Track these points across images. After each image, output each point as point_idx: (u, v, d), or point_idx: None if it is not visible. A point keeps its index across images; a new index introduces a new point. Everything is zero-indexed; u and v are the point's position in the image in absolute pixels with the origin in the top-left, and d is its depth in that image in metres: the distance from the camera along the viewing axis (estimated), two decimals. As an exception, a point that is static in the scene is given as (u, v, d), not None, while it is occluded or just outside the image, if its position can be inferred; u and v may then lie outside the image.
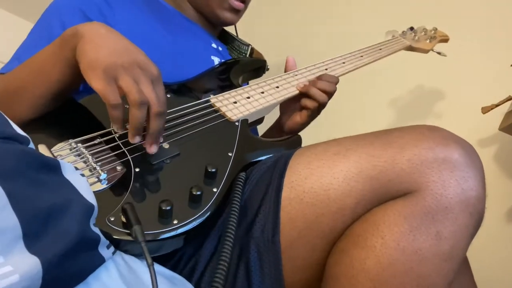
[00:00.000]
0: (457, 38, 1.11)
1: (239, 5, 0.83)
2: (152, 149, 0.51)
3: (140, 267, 0.44)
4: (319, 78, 0.74)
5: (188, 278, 0.51)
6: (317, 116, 0.77)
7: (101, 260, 0.40)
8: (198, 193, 0.48)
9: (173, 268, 0.51)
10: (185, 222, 0.47)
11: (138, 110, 0.47)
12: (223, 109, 0.65)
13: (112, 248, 0.43)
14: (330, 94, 0.73)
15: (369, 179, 0.49)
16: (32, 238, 0.33)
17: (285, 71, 0.79)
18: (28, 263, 0.32)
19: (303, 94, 0.74)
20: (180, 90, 0.68)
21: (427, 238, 0.45)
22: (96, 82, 0.46)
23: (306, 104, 0.73)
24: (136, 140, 0.50)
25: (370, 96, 1.29)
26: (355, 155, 0.51)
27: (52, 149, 0.48)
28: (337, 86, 0.75)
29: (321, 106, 0.73)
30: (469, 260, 0.60)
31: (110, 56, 0.47)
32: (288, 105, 0.75)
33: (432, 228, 0.45)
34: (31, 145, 0.40)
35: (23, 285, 0.31)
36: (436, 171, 0.47)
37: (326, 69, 0.80)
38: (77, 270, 0.37)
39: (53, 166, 0.39)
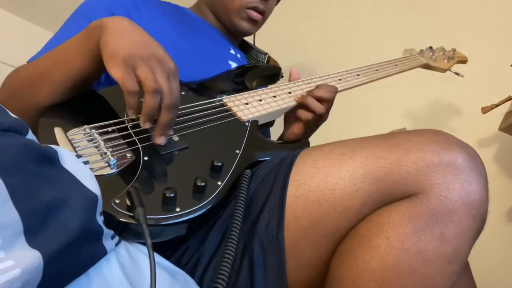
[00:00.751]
0: (457, 38, 1.11)
1: (257, 16, 0.86)
2: (160, 140, 0.53)
3: (142, 259, 0.44)
4: (317, 87, 0.72)
5: (191, 273, 0.51)
6: (316, 129, 0.74)
7: (103, 252, 0.40)
8: (202, 184, 0.49)
9: (177, 263, 0.51)
10: (187, 211, 0.47)
11: (151, 98, 0.49)
12: (235, 109, 0.66)
13: (116, 239, 0.43)
14: (327, 104, 0.71)
15: (375, 180, 0.49)
16: (32, 233, 0.33)
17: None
18: (29, 257, 0.32)
19: (301, 105, 0.71)
20: (195, 88, 0.70)
21: (431, 239, 0.45)
22: (115, 71, 0.49)
23: (301, 115, 0.70)
24: (146, 125, 0.52)
25: (372, 98, 1.27)
26: (361, 156, 0.51)
27: (67, 133, 0.51)
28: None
29: (318, 117, 0.71)
30: (469, 260, 0.59)
31: (130, 48, 0.50)
32: (290, 116, 0.74)
33: (436, 229, 0.45)
34: (29, 133, 0.40)
35: (24, 279, 0.31)
36: (441, 174, 0.47)
37: (340, 79, 0.81)
38: (78, 263, 0.37)
39: (51, 158, 0.39)
